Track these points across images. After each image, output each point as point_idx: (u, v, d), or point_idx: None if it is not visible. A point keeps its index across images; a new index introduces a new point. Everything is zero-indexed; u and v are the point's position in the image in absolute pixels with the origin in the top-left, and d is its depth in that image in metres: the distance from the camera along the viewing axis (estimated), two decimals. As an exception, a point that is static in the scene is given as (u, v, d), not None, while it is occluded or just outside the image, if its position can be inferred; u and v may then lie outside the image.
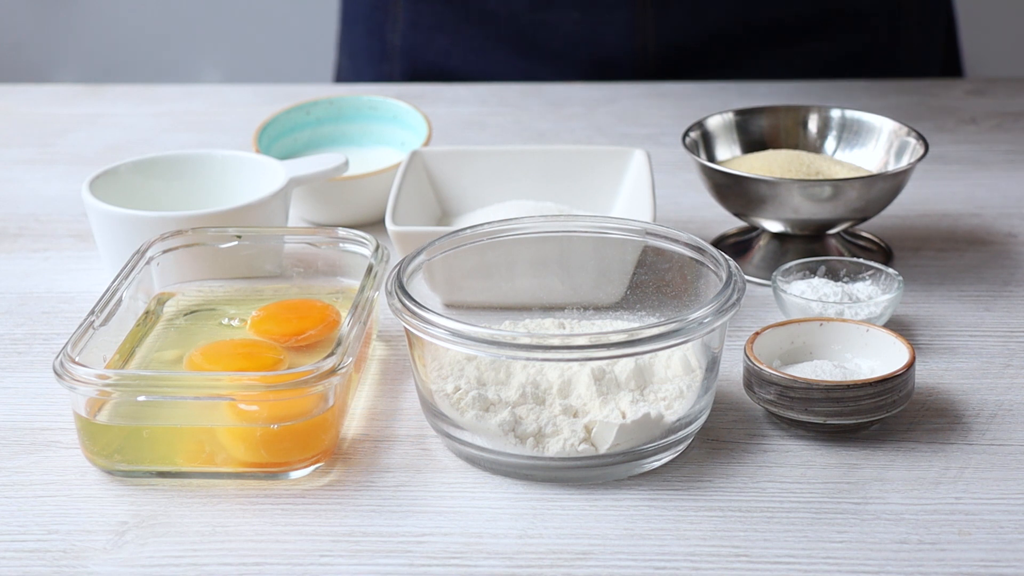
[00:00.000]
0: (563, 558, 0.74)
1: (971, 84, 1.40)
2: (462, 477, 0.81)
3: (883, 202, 1.00)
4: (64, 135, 1.32)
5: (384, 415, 0.87)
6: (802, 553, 0.74)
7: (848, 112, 1.07)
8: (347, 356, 0.80)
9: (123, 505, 0.79)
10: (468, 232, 0.89)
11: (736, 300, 0.81)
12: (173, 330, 0.91)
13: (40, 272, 1.05)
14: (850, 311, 0.91)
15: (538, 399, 0.81)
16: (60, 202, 1.17)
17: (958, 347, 0.93)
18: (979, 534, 0.75)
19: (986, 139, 1.27)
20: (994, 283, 1.01)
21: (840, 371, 0.85)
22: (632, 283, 0.91)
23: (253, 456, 0.79)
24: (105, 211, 0.99)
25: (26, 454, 0.83)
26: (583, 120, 1.33)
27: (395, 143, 1.18)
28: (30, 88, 1.46)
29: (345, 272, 0.95)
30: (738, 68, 1.39)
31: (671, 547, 0.75)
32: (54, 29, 2.67)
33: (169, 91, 1.43)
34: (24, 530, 0.77)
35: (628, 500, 0.78)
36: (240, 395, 0.78)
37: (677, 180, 1.18)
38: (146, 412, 0.80)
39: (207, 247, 0.95)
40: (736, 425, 0.85)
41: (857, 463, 0.81)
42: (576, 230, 0.90)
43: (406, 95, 1.32)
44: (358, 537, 0.76)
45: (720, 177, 1.00)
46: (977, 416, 0.85)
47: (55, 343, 0.95)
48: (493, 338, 0.78)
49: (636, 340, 0.77)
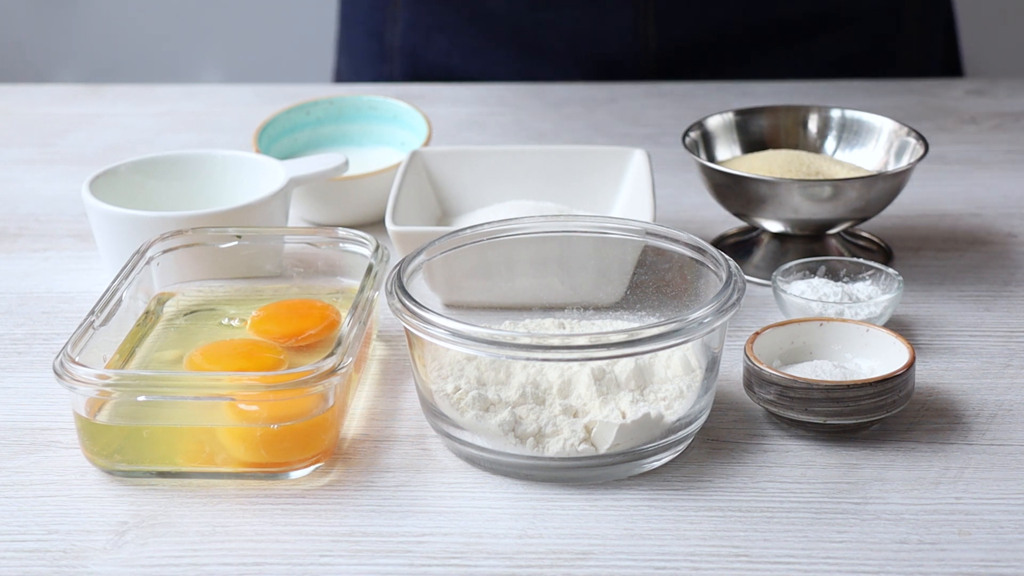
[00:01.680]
0: (563, 558, 0.74)
1: (971, 84, 1.40)
2: (462, 477, 0.81)
3: (883, 202, 1.00)
4: (64, 135, 1.32)
5: (384, 415, 0.87)
6: (802, 553, 0.74)
7: (848, 112, 1.07)
8: (347, 356, 0.80)
9: (123, 505, 0.79)
10: (468, 232, 0.89)
11: (736, 300, 0.81)
12: (173, 330, 0.91)
13: (40, 272, 1.05)
14: (850, 311, 0.91)
15: (538, 399, 0.81)
16: (60, 202, 1.17)
17: (958, 347, 0.93)
18: (979, 534, 0.75)
19: (986, 139, 1.27)
20: (994, 283, 1.01)
21: (840, 371, 0.85)
22: (632, 283, 0.91)
23: (253, 456, 0.79)
24: (105, 211, 0.99)
25: (26, 454, 0.83)
26: (583, 120, 1.33)
27: (395, 143, 1.18)
28: (30, 88, 1.46)
29: (345, 272, 0.95)
30: (739, 67, 1.39)
31: (671, 547, 0.75)
32: (54, 29, 2.67)
33: (169, 91, 1.44)
34: (24, 530, 0.77)
35: (628, 500, 0.78)
36: (240, 395, 0.78)
37: (677, 180, 1.18)
38: (146, 412, 0.80)
39: (207, 247, 0.95)
40: (736, 425, 0.85)
41: (857, 463, 0.81)
42: (576, 230, 0.90)
43: (406, 95, 1.32)
44: (358, 537, 0.76)
45: (720, 177, 1.00)
46: (977, 416, 0.85)
47: (55, 343, 0.95)
48: (493, 338, 0.78)
49: (636, 340, 0.77)
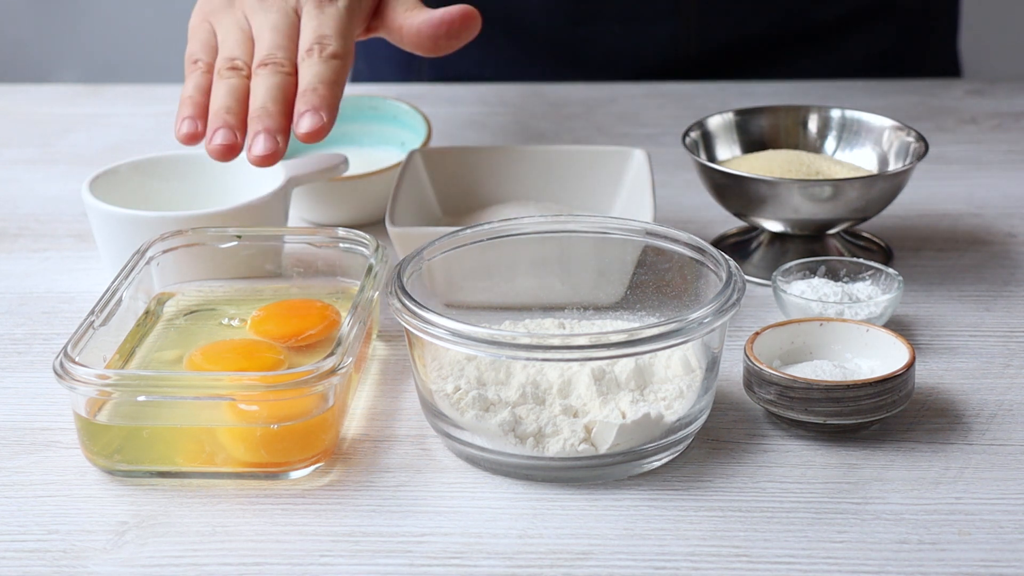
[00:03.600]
0: (563, 558, 0.74)
1: (971, 84, 1.40)
2: (462, 477, 0.81)
3: (883, 202, 1.00)
4: (64, 135, 1.32)
5: (384, 415, 0.87)
6: (802, 553, 0.74)
7: (848, 112, 1.07)
8: (347, 356, 0.80)
9: (123, 505, 0.79)
10: (468, 232, 0.89)
11: (736, 300, 0.81)
12: (173, 330, 0.91)
13: (40, 272, 1.05)
14: (850, 311, 0.91)
15: (538, 399, 0.81)
16: (60, 202, 1.17)
17: (958, 347, 0.93)
18: (979, 534, 0.75)
19: (986, 139, 1.27)
20: (994, 283, 1.01)
21: (840, 371, 0.85)
22: (632, 283, 0.91)
23: (253, 456, 0.79)
24: (105, 211, 0.99)
25: (26, 454, 0.83)
26: (583, 120, 1.33)
27: (395, 143, 1.18)
28: (30, 88, 1.46)
29: (345, 272, 0.95)
30: (770, 71, 1.39)
31: (671, 547, 0.75)
32: (55, 29, 2.67)
33: (169, 91, 1.43)
34: (24, 530, 0.77)
35: (628, 500, 0.78)
36: (240, 395, 0.78)
37: (677, 180, 1.18)
38: (146, 412, 0.80)
39: (207, 247, 0.95)
40: (736, 425, 0.85)
41: (857, 463, 0.81)
42: (576, 230, 0.90)
43: (406, 95, 1.32)
44: (358, 537, 0.76)
45: (720, 177, 1.00)
46: (977, 416, 0.85)
47: (55, 343, 0.95)
48: (493, 338, 0.78)
49: (636, 340, 0.77)
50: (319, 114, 0.91)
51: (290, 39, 0.96)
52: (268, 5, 0.98)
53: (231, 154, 0.91)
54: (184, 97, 0.94)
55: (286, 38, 0.96)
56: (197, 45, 0.98)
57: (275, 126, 0.90)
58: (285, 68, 0.93)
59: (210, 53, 0.97)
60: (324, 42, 0.94)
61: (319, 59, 0.93)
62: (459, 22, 1.00)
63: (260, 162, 0.90)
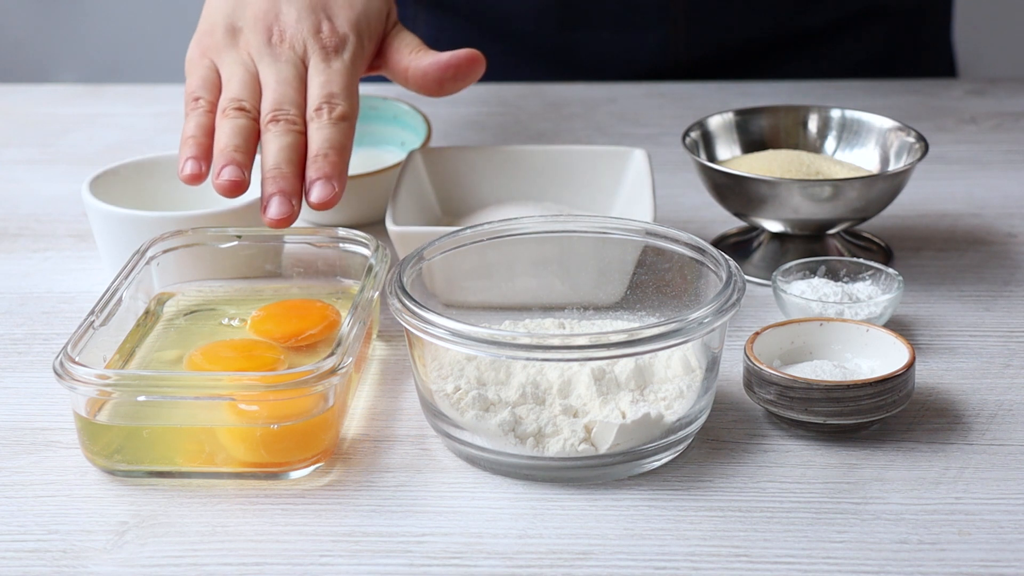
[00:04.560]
0: (563, 558, 0.74)
1: (971, 84, 1.40)
2: (462, 477, 0.81)
3: (883, 202, 1.00)
4: (64, 135, 1.32)
5: (384, 415, 0.87)
6: (802, 553, 0.74)
7: (848, 112, 1.07)
8: (347, 356, 0.80)
9: (123, 505, 0.79)
10: (468, 232, 0.89)
11: (736, 300, 0.81)
12: (173, 330, 0.91)
13: (40, 272, 1.05)
14: (850, 311, 0.91)
15: (538, 399, 0.81)
16: (60, 202, 1.17)
17: (958, 347, 0.93)
18: (979, 534, 0.75)
19: (986, 139, 1.27)
20: (994, 283, 1.01)
21: (840, 371, 0.85)
22: (632, 283, 0.91)
23: (253, 456, 0.80)
24: (105, 211, 0.99)
25: (26, 454, 0.83)
26: (583, 120, 1.33)
27: (395, 143, 1.18)
28: (30, 88, 1.46)
29: (345, 272, 0.95)
30: (761, 76, 1.39)
31: (671, 547, 0.75)
32: (54, 29, 2.67)
33: (169, 91, 1.43)
34: (24, 530, 0.77)
35: (628, 500, 0.78)
36: (240, 395, 0.78)
37: (677, 180, 1.18)
38: (146, 412, 0.80)
39: (207, 247, 0.95)
40: (736, 425, 0.85)
41: (857, 463, 0.81)
42: (576, 230, 0.90)
43: (406, 95, 1.32)
44: (358, 537, 0.76)
45: (720, 177, 1.00)
46: (977, 416, 0.85)
47: (55, 343, 0.95)
48: (493, 338, 0.78)
49: (636, 340, 0.77)
50: (331, 183, 0.91)
51: (299, 93, 0.96)
52: (277, 53, 0.98)
53: (239, 191, 0.91)
54: (186, 137, 0.94)
55: (296, 92, 0.96)
56: (198, 82, 0.98)
57: (290, 189, 0.91)
58: (297, 126, 0.94)
59: (212, 91, 0.97)
60: (333, 102, 0.95)
61: (328, 121, 0.94)
62: (466, 65, 1.02)
63: (276, 224, 0.90)
